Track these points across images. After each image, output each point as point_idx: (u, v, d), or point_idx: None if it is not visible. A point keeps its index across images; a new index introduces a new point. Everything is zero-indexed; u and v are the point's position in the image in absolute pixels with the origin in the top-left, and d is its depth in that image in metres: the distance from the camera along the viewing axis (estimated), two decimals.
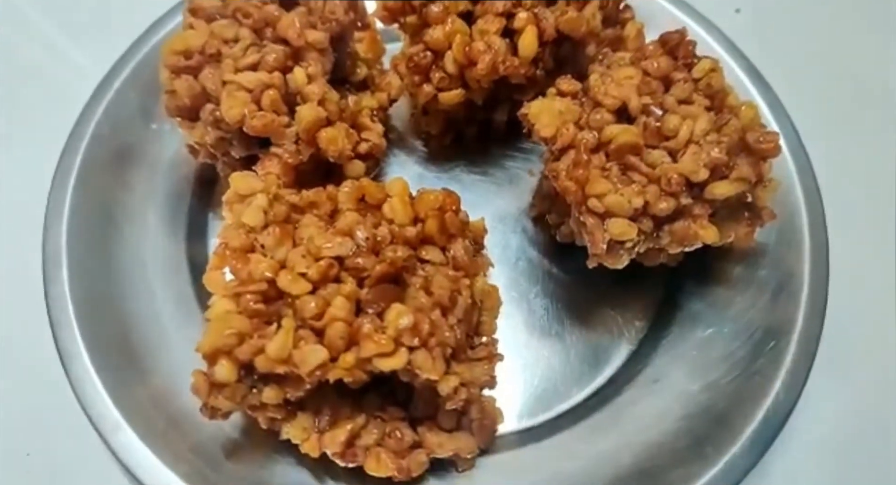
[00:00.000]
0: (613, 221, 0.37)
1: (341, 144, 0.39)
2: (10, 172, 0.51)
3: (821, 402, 0.43)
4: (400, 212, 0.36)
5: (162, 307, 0.43)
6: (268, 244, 0.35)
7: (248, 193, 0.37)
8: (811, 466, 0.43)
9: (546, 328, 0.45)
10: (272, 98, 0.38)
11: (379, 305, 0.34)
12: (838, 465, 0.43)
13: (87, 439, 0.41)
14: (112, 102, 0.46)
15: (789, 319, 0.41)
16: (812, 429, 0.42)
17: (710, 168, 0.37)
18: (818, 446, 0.43)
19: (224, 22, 0.41)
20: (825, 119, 0.52)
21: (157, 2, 0.50)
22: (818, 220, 0.44)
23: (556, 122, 0.39)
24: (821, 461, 0.43)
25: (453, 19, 0.42)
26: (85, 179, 0.44)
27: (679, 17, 0.52)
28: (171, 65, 0.40)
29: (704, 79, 0.40)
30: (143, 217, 0.45)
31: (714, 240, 0.38)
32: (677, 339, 0.43)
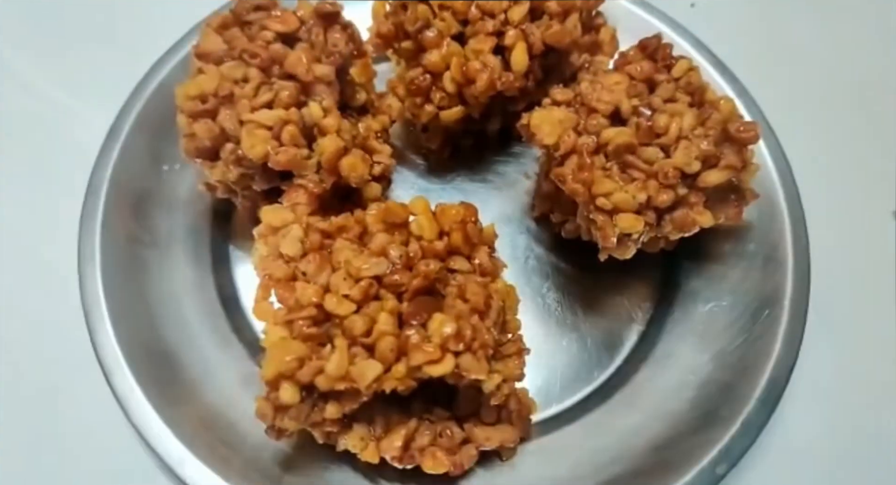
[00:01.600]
0: (621, 216, 0.40)
1: (361, 169, 0.42)
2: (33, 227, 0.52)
3: (817, 357, 0.47)
4: (427, 228, 0.39)
5: (199, 336, 0.45)
6: (309, 271, 0.38)
7: (280, 225, 0.40)
8: (816, 417, 0.47)
9: (561, 320, 0.48)
10: (292, 133, 0.41)
11: (421, 317, 0.37)
12: (839, 413, 0.47)
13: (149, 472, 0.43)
14: (123, 150, 0.48)
15: (779, 287, 0.45)
16: (813, 382, 0.47)
17: (701, 160, 0.41)
18: (821, 398, 0.47)
19: (232, 63, 0.43)
20: (787, 101, 0.57)
21: (148, 49, 0.51)
22: (793, 194, 0.48)
23: (556, 130, 0.42)
24: (824, 412, 0.47)
25: (448, 42, 0.45)
26: (109, 227, 0.45)
27: (643, 16, 0.56)
28: (188, 110, 0.42)
29: (684, 77, 0.44)
30: (169, 254, 0.47)
31: (710, 223, 0.42)
32: (682, 316, 0.47)
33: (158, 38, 0.52)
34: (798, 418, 0.47)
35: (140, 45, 0.51)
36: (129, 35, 0.59)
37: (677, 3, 0.63)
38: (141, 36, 0.55)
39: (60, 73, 0.58)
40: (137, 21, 0.60)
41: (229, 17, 0.45)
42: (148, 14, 0.61)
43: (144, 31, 0.56)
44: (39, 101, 0.56)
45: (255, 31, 0.44)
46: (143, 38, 0.52)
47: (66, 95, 0.56)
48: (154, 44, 0.51)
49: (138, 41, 0.53)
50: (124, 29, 0.60)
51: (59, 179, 0.53)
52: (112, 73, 0.51)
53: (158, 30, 0.52)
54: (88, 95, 0.56)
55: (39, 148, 0.55)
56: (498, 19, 0.45)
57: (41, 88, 0.57)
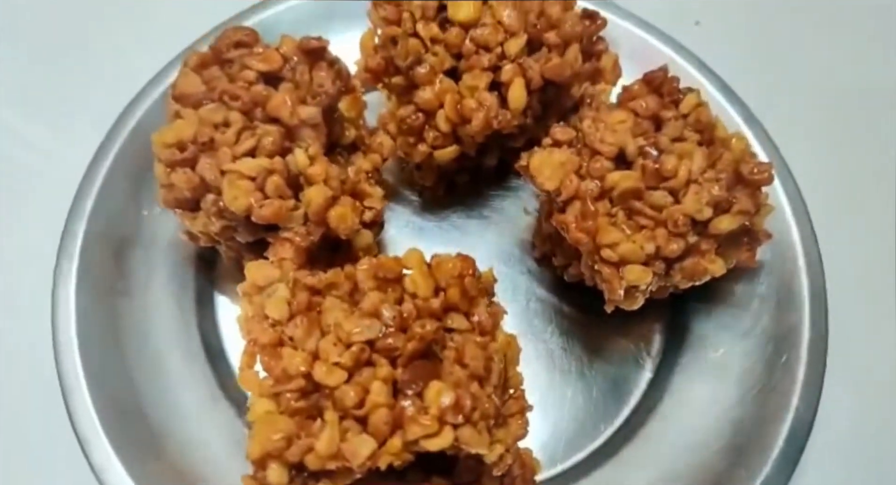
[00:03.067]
0: (629, 269, 0.38)
1: (351, 220, 0.39)
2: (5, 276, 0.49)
3: (836, 405, 0.44)
4: (422, 286, 0.36)
5: (184, 395, 0.43)
6: (297, 336, 0.35)
7: (265, 283, 0.37)
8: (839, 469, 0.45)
9: (565, 367, 0.46)
10: (276, 184, 0.38)
11: (417, 385, 0.34)
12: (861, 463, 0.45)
13: None
14: (100, 195, 0.45)
15: (795, 331, 0.43)
16: (832, 432, 0.45)
17: (712, 206, 0.38)
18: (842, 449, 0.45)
19: (212, 106, 0.40)
20: (795, 125, 0.54)
21: (127, 85, 0.48)
22: (807, 231, 0.46)
23: (558, 174, 0.39)
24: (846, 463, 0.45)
25: (441, 79, 0.42)
26: (86, 276, 0.43)
27: (646, 38, 0.53)
28: (165, 159, 0.39)
29: (693, 114, 0.41)
30: (150, 305, 0.45)
31: (722, 272, 0.40)
32: (692, 362, 0.45)
33: (136, 72, 0.49)
34: (818, 471, 0.44)
35: (118, 80, 0.49)
36: (107, 71, 0.56)
37: (681, 21, 0.61)
38: (119, 71, 0.52)
39: (36, 111, 0.55)
40: (114, 56, 0.57)
41: (208, 55, 0.42)
42: (125, 48, 0.58)
43: (122, 66, 0.53)
44: (14, 141, 0.53)
45: (235, 70, 0.41)
46: (121, 73, 0.50)
47: (42, 135, 0.54)
48: (132, 78, 0.49)
49: (115, 77, 0.50)
50: (101, 64, 0.57)
51: (33, 225, 0.50)
52: (90, 110, 0.49)
53: (136, 64, 0.49)
54: (65, 134, 0.53)
55: (14, 191, 0.52)
56: (494, 53, 0.42)
57: (15, 127, 0.54)
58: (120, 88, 0.48)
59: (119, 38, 0.58)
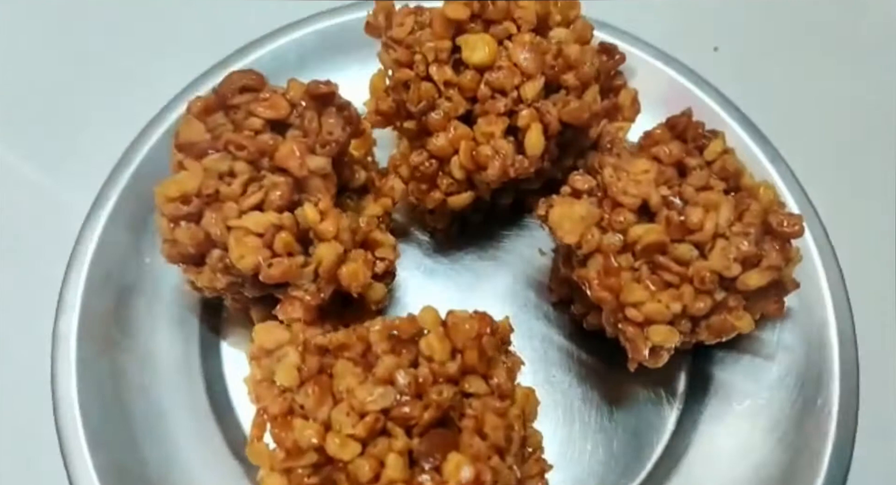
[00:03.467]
0: (654, 329, 0.36)
1: (363, 277, 0.38)
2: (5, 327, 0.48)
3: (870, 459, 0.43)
4: (438, 350, 0.35)
5: (190, 457, 0.41)
6: (308, 405, 0.34)
7: (275, 347, 0.36)
8: None
9: (585, 419, 0.44)
10: (285, 241, 0.36)
11: (435, 458, 0.33)
12: None
13: None
14: (101, 243, 0.43)
15: (825, 382, 0.42)
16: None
17: (740, 261, 0.37)
18: None
19: (217, 156, 0.39)
20: (817, 157, 0.52)
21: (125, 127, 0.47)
22: (836, 277, 0.44)
23: (578, 228, 0.38)
24: None
25: (455, 125, 0.40)
26: (86, 329, 0.41)
27: (664, 70, 0.51)
28: (169, 213, 0.38)
29: (718, 161, 0.39)
30: (153, 361, 0.43)
31: (750, 328, 0.38)
32: (716, 413, 0.43)
33: (137, 111, 0.47)
34: None
35: (118, 120, 0.47)
36: (107, 111, 0.54)
37: (699, 47, 0.59)
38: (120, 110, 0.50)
39: (36, 155, 0.53)
40: (115, 94, 0.55)
41: (212, 100, 0.40)
42: (126, 86, 0.56)
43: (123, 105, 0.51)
44: (14, 186, 0.52)
45: (241, 116, 0.40)
46: (122, 112, 0.48)
47: (41, 178, 0.52)
48: (133, 118, 0.47)
49: (116, 117, 0.48)
50: (101, 105, 0.55)
51: (33, 274, 0.48)
52: (90, 153, 0.47)
53: (138, 102, 0.48)
54: (65, 178, 0.52)
55: (13, 237, 0.50)
56: (510, 97, 0.40)
57: (15, 170, 0.52)
58: (121, 129, 0.47)
59: (120, 76, 0.56)
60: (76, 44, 0.57)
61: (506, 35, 0.41)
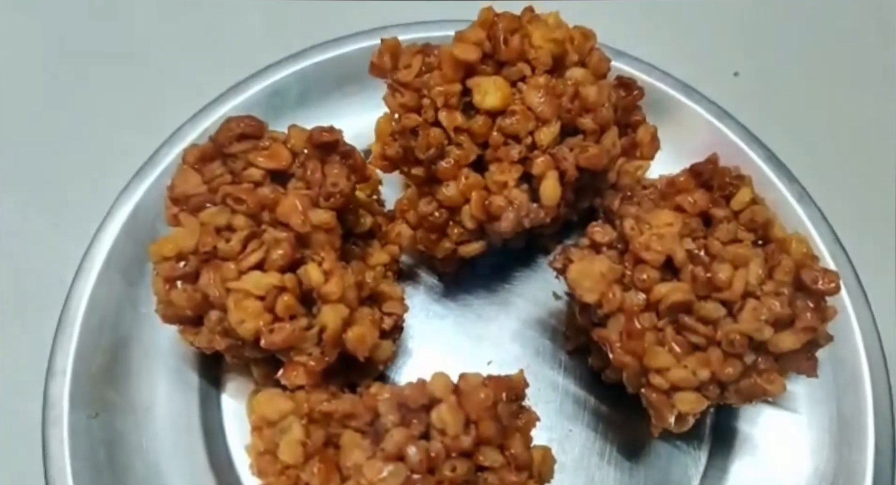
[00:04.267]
0: (681, 397, 0.34)
1: (370, 340, 0.36)
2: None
3: None
4: (451, 423, 0.33)
5: None
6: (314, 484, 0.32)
7: (278, 418, 0.34)
8: None
9: (605, 477, 0.42)
10: (288, 304, 0.34)
11: None
12: None
13: None
14: (94, 293, 0.41)
15: (858, 443, 0.39)
16: None
17: (772, 323, 0.34)
18: None
19: (214, 210, 0.36)
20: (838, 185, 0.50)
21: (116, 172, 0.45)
22: (869, 326, 0.42)
23: (599, 286, 0.36)
24: None
25: (466, 174, 0.38)
26: (79, 393, 0.39)
27: (684, 102, 0.49)
28: (164, 274, 0.35)
29: (746, 211, 0.37)
30: (150, 416, 0.41)
31: (782, 392, 0.36)
32: (743, 470, 0.41)
33: (130, 152, 0.45)
34: None
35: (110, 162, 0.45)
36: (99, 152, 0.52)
37: (719, 73, 0.57)
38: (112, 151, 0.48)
39: (29, 203, 0.50)
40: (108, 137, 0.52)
41: (209, 148, 0.38)
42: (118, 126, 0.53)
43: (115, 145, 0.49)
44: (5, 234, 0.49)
45: (239, 166, 0.38)
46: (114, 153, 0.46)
47: (31, 227, 0.49)
48: (125, 160, 0.45)
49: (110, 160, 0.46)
50: (93, 146, 0.52)
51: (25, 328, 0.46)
52: (82, 198, 0.45)
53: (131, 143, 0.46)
54: (57, 227, 0.49)
55: (3, 289, 0.48)
56: (524, 143, 0.38)
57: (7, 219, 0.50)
58: (114, 172, 0.45)
59: (112, 116, 0.53)
60: (66, 83, 0.55)
61: (519, 77, 0.38)
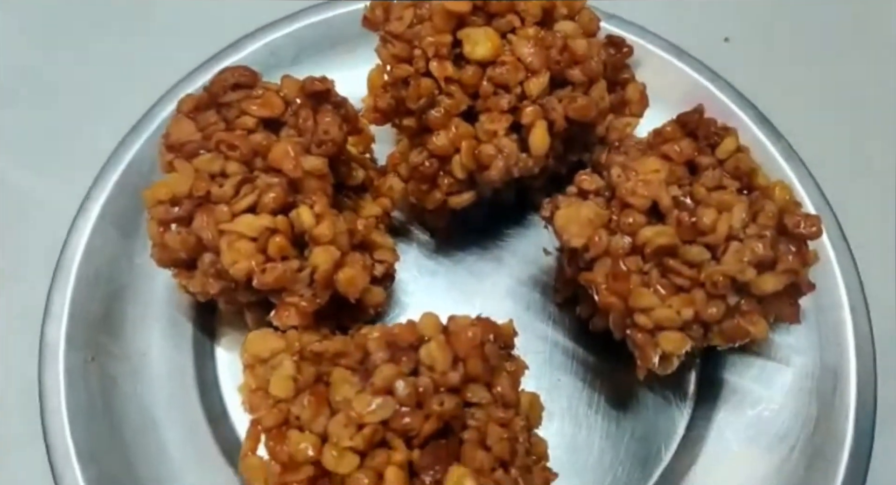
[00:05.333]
0: (665, 336, 0.35)
1: (361, 282, 0.36)
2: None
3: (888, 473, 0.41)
4: (439, 359, 0.33)
5: (184, 467, 0.40)
6: (304, 417, 0.32)
7: (269, 356, 0.35)
8: None
9: (592, 425, 0.43)
10: (280, 245, 0.35)
11: (436, 470, 0.31)
12: None
13: None
14: (90, 245, 0.42)
15: (841, 391, 0.40)
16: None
17: (755, 265, 0.35)
18: None
19: (208, 156, 0.37)
20: (832, 151, 0.51)
21: (113, 125, 0.45)
22: (853, 279, 0.42)
23: (585, 230, 0.36)
24: None
25: (457, 123, 0.39)
26: (75, 337, 0.40)
27: (674, 63, 0.50)
28: (158, 217, 0.36)
29: (731, 160, 0.38)
30: (145, 363, 0.42)
31: (765, 335, 0.36)
32: (727, 419, 0.42)
33: (126, 109, 0.46)
34: None
35: (106, 118, 0.46)
36: (95, 108, 0.52)
37: (709, 38, 0.57)
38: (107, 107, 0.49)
39: (22, 155, 0.51)
40: (103, 90, 0.53)
41: (204, 97, 0.39)
42: (117, 83, 0.54)
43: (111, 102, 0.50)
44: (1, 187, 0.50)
45: (233, 114, 0.38)
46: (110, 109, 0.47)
47: (28, 180, 0.50)
48: (121, 116, 0.46)
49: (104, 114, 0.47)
50: (89, 102, 0.53)
51: (20, 279, 0.47)
52: (77, 152, 0.46)
53: (126, 99, 0.46)
54: (53, 179, 0.50)
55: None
56: (513, 93, 0.39)
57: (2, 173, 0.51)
58: (109, 128, 0.45)
59: (108, 73, 0.54)
60: (63, 40, 0.55)
61: (509, 28, 0.39)
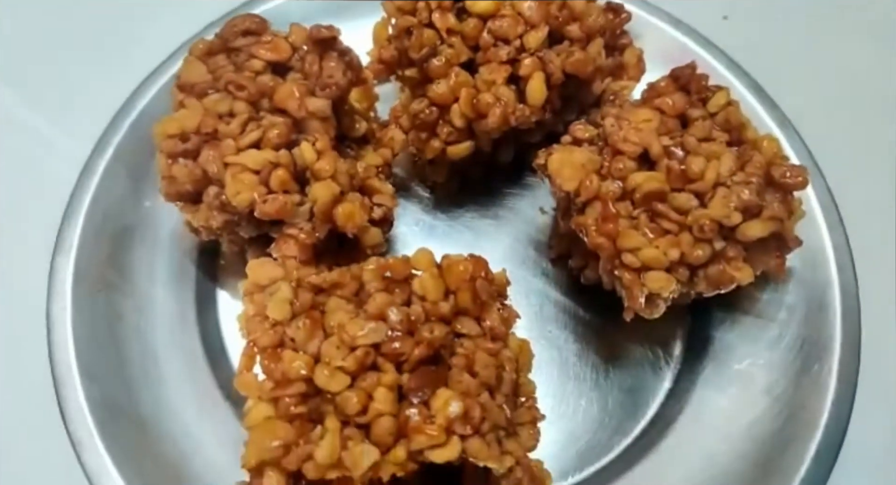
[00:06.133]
0: (651, 276, 0.36)
1: (359, 218, 0.38)
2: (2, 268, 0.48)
3: (867, 427, 0.42)
4: (431, 289, 0.35)
5: (179, 396, 0.41)
6: (298, 338, 0.34)
7: (268, 283, 0.36)
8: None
9: (580, 375, 0.44)
10: (282, 178, 0.36)
11: (424, 392, 0.32)
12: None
13: None
14: (101, 185, 0.44)
15: (825, 345, 0.41)
16: (862, 456, 0.42)
17: (741, 210, 0.36)
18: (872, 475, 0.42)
19: (216, 96, 0.39)
20: (829, 125, 0.52)
21: (129, 75, 0.47)
22: (840, 239, 0.43)
23: (578, 174, 0.37)
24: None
25: (457, 72, 0.40)
26: (83, 270, 0.42)
27: (671, 33, 0.51)
28: (167, 150, 0.38)
29: (721, 114, 0.39)
30: (149, 302, 0.43)
31: (749, 280, 0.37)
32: (714, 373, 0.43)
33: (141, 61, 0.48)
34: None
35: (122, 69, 0.47)
36: (111, 59, 0.54)
37: (708, 16, 0.58)
38: (123, 60, 0.50)
39: (38, 100, 0.53)
40: (121, 42, 0.55)
41: (215, 43, 0.41)
42: (133, 34, 0.56)
43: (127, 55, 0.51)
44: (14, 129, 0.52)
45: (242, 59, 0.40)
46: (126, 62, 0.48)
47: (43, 123, 0.52)
48: (137, 68, 0.47)
49: (120, 66, 0.49)
50: (105, 53, 0.55)
51: (31, 216, 0.48)
52: (93, 100, 0.47)
53: (141, 53, 0.48)
54: (68, 124, 0.52)
55: (12, 180, 0.50)
56: (513, 45, 0.40)
57: (16, 115, 0.52)
58: (124, 77, 0.47)
59: (125, 26, 0.56)
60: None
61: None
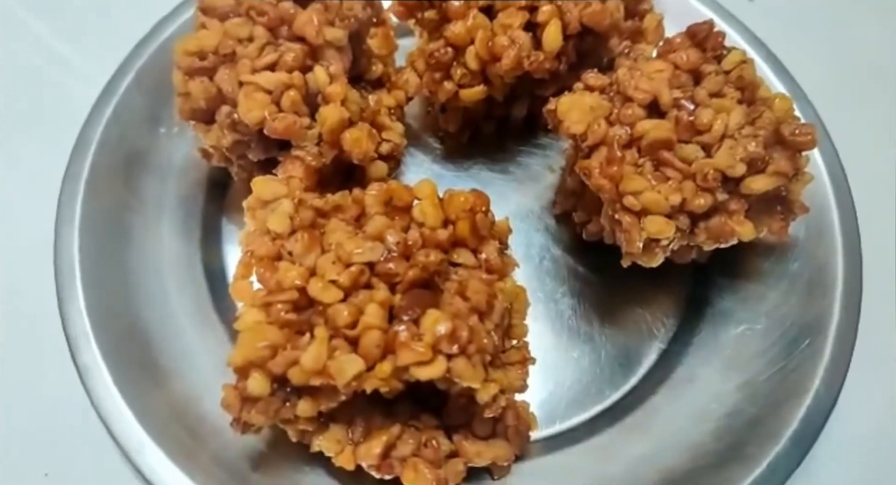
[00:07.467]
0: (650, 219, 0.36)
1: (366, 145, 0.38)
2: (15, 183, 0.49)
3: (861, 396, 0.42)
4: (431, 215, 0.35)
5: (179, 315, 0.42)
6: (296, 251, 0.34)
7: (271, 199, 0.36)
8: (855, 462, 0.42)
9: (574, 329, 0.44)
10: (293, 99, 0.37)
11: (414, 312, 0.33)
12: (882, 460, 0.42)
13: (108, 457, 0.40)
14: (118, 108, 0.44)
15: (824, 314, 0.40)
16: (854, 424, 0.42)
17: (746, 162, 0.36)
18: (861, 442, 0.42)
19: (238, 20, 0.39)
20: (844, 105, 0.51)
21: (157, 4, 0.48)
22: (848, 210, 0.43)
23: (586, 118, 0.38)
24: (862, 460, 0.42)
25: (475, 14, 0.40)
26: (94, 188, 0.42)
27: (693, 5, 0.51)
28: (184, 66, 0.38)
29: (735, 71, 0.39)
30: (156, 224, 0.44)
31: (751, 236, 0.37)
32: (709, 337, 0.42)
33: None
34: (832, 464, 0.42)
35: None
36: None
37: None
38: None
39: (62, 24, 0.55)
40: None
41: None
42: None
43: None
44: (37, 52, 0.53)
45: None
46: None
47: (66, 48, 0.53)
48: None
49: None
50: None
51: (49, 134, 0.50)
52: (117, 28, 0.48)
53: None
54: (90, 49, 0.53)
55: (33, 100, 0.52)
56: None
57: (40, 39, 0.54)
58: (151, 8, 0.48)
59: None
60: None
61: None
